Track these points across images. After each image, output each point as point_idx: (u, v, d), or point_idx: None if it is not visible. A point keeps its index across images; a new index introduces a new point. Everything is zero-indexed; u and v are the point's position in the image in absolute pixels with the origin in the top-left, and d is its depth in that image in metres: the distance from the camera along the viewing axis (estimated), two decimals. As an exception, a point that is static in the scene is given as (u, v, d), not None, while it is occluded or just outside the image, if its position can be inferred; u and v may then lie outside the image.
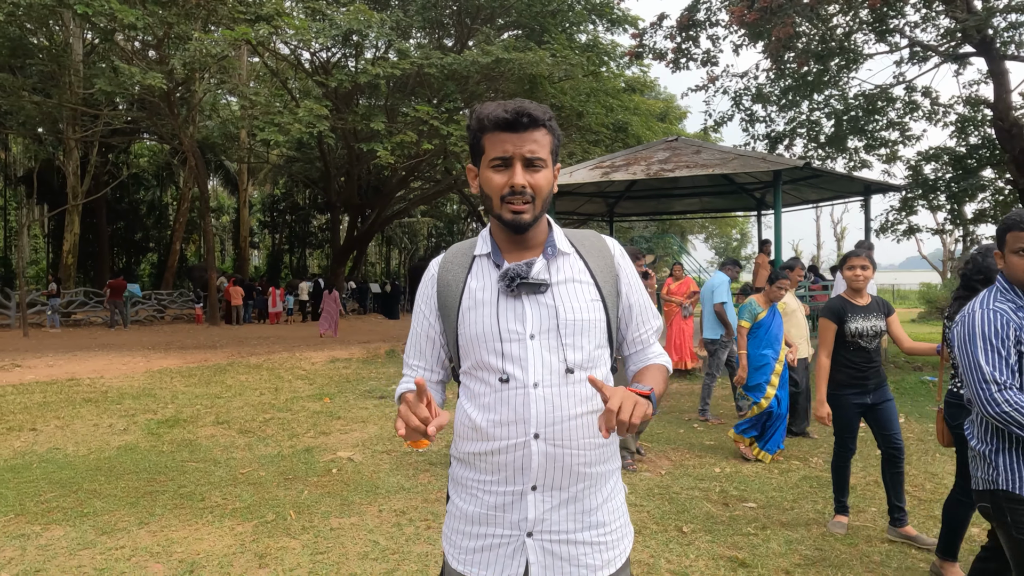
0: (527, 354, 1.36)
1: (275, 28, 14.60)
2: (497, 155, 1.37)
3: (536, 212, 1.38)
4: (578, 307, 1.39)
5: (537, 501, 1.37)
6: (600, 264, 1.47)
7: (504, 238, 1.45)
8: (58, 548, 3.62)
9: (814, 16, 10.95)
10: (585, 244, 1.49)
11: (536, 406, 1.35)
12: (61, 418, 6.95)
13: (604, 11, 18.58)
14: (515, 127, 1.35)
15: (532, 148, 1.36)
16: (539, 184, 1.37)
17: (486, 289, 1.41)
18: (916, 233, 14.57)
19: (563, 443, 1.35)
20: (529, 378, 1.35)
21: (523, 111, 1.35)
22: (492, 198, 1.39)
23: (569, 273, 1.43)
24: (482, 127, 1.39)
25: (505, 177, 1.36)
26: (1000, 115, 11.03)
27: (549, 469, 1.35)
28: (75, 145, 21.32)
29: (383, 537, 3.77)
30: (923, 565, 3.42)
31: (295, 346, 13.77)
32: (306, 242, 39.57)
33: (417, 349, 1.54)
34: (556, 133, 1.43)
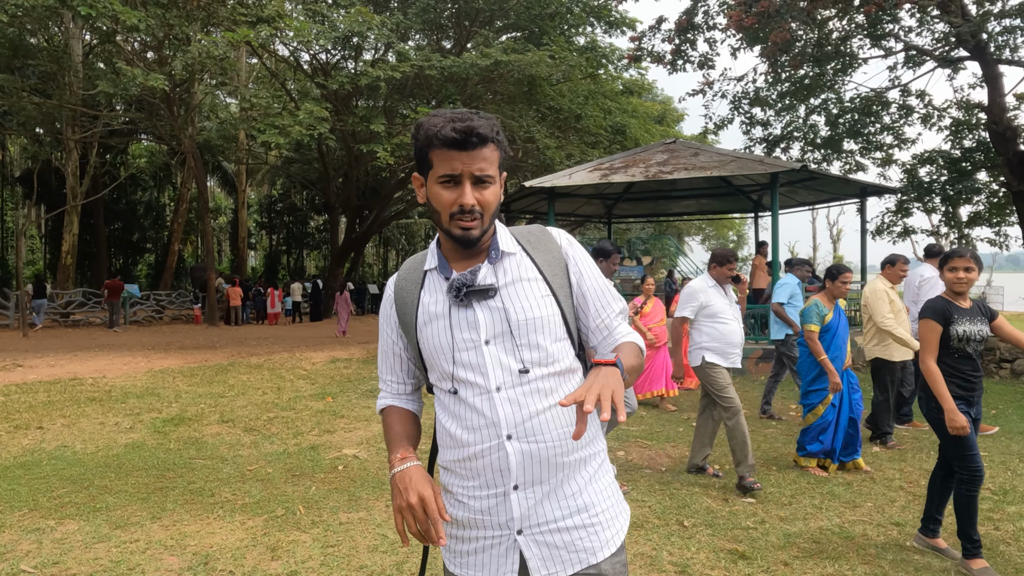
0: (485, 360, 1.37)
1: (276, 30, 14.68)
2: (446, 172, 1.35)
3: (484, 226, 1.38)
4: (528, 306, 1.39)
5: (521, 499, 1.38)
6: (547, 258, 1.46)
7: (451, 248, 1.45)
8: (73, 541, 3.70)
9: (810, 20, 11.08)
10: (531, 240, 1.49)
11: (503, 408, 1.36)
12: (67, 417, 7.01)
13: (602, 13, 18.71)
14: (464, 146, 1.33)
15: (481, 166, 1.35)
16: (487, 200, 1.37)
17: (439, 303, 1.43)
18: (911, 235, 14.72)
19: (536, 438, 1.37)
20: (491, 383, 1.37)
21: (472, 130, 1.32)
22: (441, 214, 1.38)
23: (516, 273, 1.42)
24: (430, 143, 1.36)
25: (454, 195, 1.35)
26: (994, 118, 11.17)
27: (528, 466, 1.37)
28: (74, 146, 21.36)
29: (391, 531, 3.86)
30: (918, 557, 3.52)
31: (295, 346, 13.84)
32: (303, 243, 39.61)
33: (387, 365, 1.58)
34: (503, 145, 1.41)
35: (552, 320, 1.41)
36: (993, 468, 5.18)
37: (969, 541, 3.34)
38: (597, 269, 1.53)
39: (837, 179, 12.15)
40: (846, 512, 4.19)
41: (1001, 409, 7.66)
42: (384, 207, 24.56)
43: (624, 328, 1.49)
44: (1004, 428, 6.68)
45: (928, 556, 3.52)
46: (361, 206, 25.64)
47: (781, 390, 8.74)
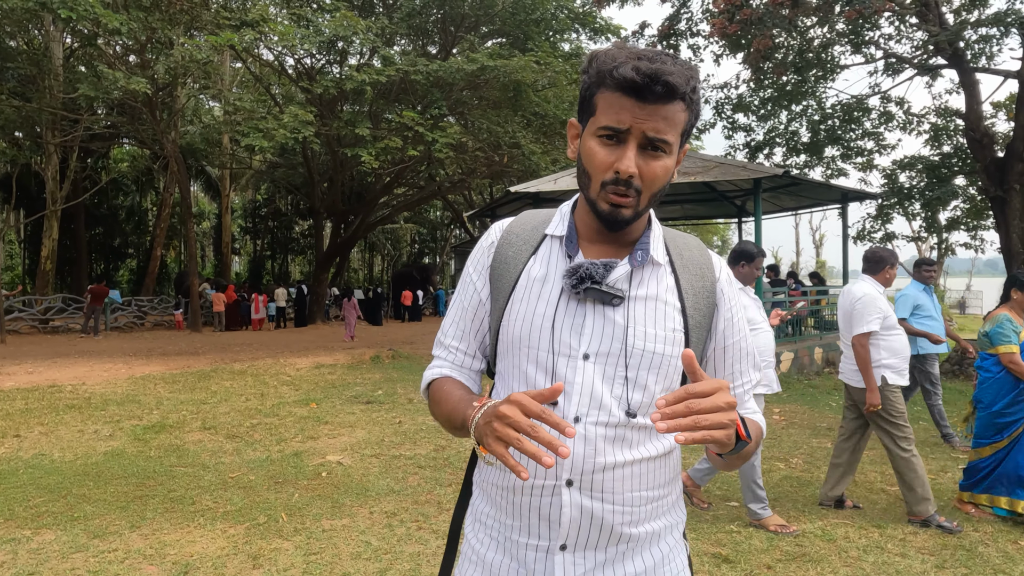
0: (576, 377, 1.08)
1: (260, 34, 14.61)
2: (610, 124, 1.04)
3: (640, 208, 1.09)
4: (653, 334, 1.10)
5: (567, 564, 1.09)
6: (696, 286, 1.16)
7: (589, 224, 1.16)
8: (50, 552, 3.64)
9: (792, 28, 11.22)
10: (684, 256, 1.18)
11: (574, 445, 1.07)
12: (45, 424, 6.90)
13: (587, 20, 18.83)
14: (643, 94, 1.01)
15: (658, 126, 1.03)
16: (655, 175, 1.06)
17: (548, 280, 1.14)
18: (892, 240, 14.91)
19: (603, 495, 1.08)
20: (571, 408, 1.08)
21: (659, 76, 1.00)
22: (591, 176, 1.09)
23: (654, 289, 1.13)
24: (601, 80, 1.05)
25: (613, 156, 1.05)
26: (971, 125, 11.35)
27: (584, 526, 1.08)
28: (54, 150, 21.08)
29: (375, 538, 3.83)
30: (899, 559, 3.55)
31: (279, 352, 13.72)
32: (288, 248, 39.37)
33: (459, 327, 1.25)
34: (695, 108, 1.08)
35: (672, 363, 1.11)
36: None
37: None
38: (747, 325, 1.23)
39: (819, 184, 12.29)
40: (828, 515, 4.22)
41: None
42: (369, 212, 24.48)
43: (753, 405, 1.20)
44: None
45: (909, 559, 3.55)
46: (346, 211, 25.54)
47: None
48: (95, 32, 14.75)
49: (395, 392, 9.03)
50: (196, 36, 16.31)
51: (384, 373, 10.97)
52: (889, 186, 14.33)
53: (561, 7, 18.35)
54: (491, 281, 1.20)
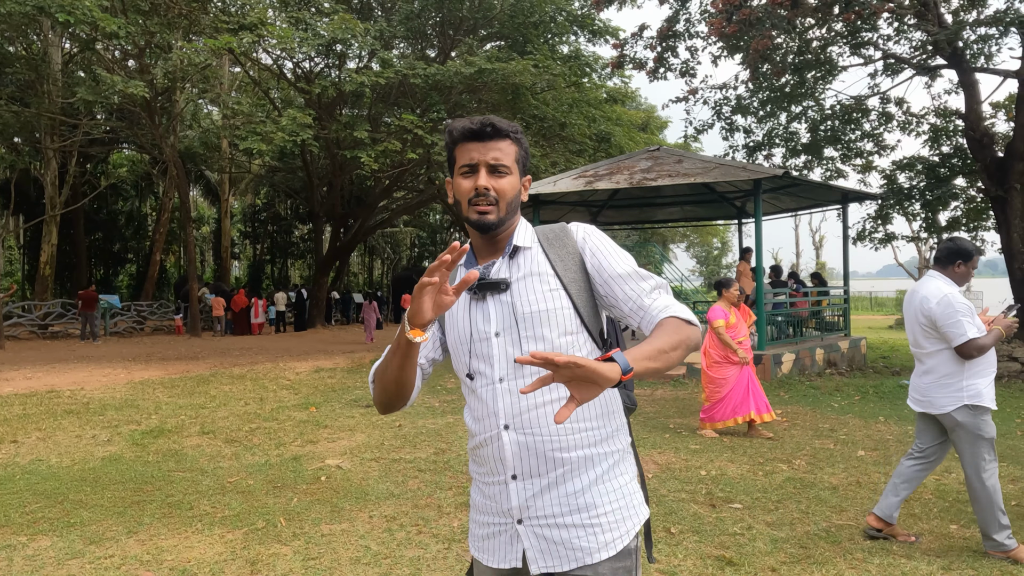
0: (492, 351, 1.43)
1: (258, 37, 14.59)
2: (465, 163, 1.44)
3: (501, 214, 1.44)
4: (534, 299, 1.43)
5: (519, 489, 1.42)
6: (561, 253, 1.49)
7: (478, 243, 1.51)
8: (46, 558, 3.60)
9: (791, 29, 11.21)
10: (549, 237, 1.52)
11: (503, 399, 1.41)
12: (42, 430, 6.86)
13: (586, 23, 18.81)
14: (480, 136, 1.43)
15: (496, 155, 1.43)
16: (503, 188, 1.43)
17: (461, 296, 1.48)
18: (892, 241, 14.89)
19: (532, 431, 1.40)
20: (495, 373, 1.42)
21: (487, 122, 1.43)
22: (462, 202, 1.46)
23: (528, 268, 1.46)
24: (453, 140, 1.47)
25: (471, 182, 1.43)
26: (971, 125, 11.34)
27: (524, 457, 1.40)
28: (53, 155, 21.07)
29: (374, 542, 3.79)
30: (904, 560, 3.51)
31: (278, 356, 13.69)
32: (288, 252, 39.31)
33: None
34: (523, 145, 1.49)
35: (560, 313, 1.43)
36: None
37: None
38: (619, 254, 1.49)
39: (819, 185, 12.27)
40: (833, 516, 4.18)
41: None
42: (369, 216, 24.46)
43: (661, 302, 1.41)
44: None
45: (915, 561, 3.51)
46: (346, 215, 25.52)
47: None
48: (93, 36, 14.74)
49: (395, 395, 8.98)
50: (195, 40, 16.30)
51: (384, 377, 10.92)
52: (889, 187, 14.31)
53: (559, 10, 18.35)
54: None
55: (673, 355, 1.28)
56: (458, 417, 7.40)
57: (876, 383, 9.68)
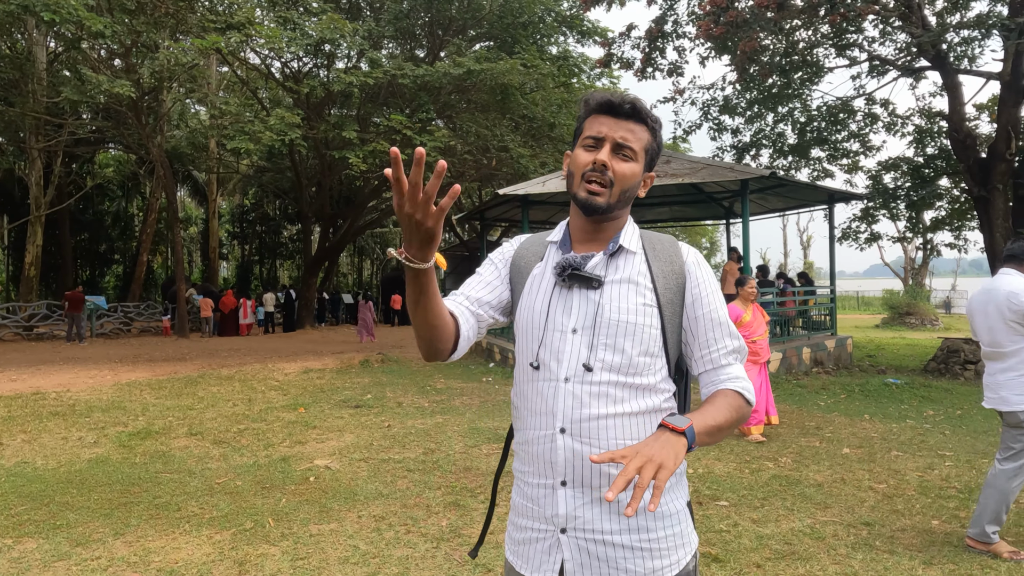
0: (565, 347, 1.34)
1: (246, 37, 14.53)
2: (591, 134, 1.36)
3: (611, 200, 1.34)
4: (625, 308, 1.34)
5: (568, 496, 1.32)
6: (665, 269, 1.39)
7: (578, 227, 1.42)
8: (32, 560, 3.58)
9: (778, 30, 11.30)
10: (656, 246, 1.43)
11: (564, 400, 1.32)
12: (28, 432, 6.80)
13: (574, 23, 18.88)
14: (616, 112, 1.35)
15: (625, 135, 1.34)
16: (622, 172, 1.34)
17: (546, 277, 1.41)
18: (877, 241, 15.04)
19: (590, 441, 1.31)
20: (562, 371, 1.33)
21: (629, 99, 1.35)
22: (575, 175, 1.37)
23: (627, 273, 1.37)
24: (587, 110, 1.39)
25: (591, 155, 1.35)
26: (955, 126, 11.48)
27: (576, 466, 1.31)
28: (38, 155, 20.86)
29: (363, 542, 3.80)
30: (887, 556, 3.56)
31: (267, 357, 13.63)
32: (276, 253, 39.12)
33: (469, 286, 1.48)
34: (657, 138, 1.40)
35: (647, 331, 1.34)
36: (959, 467, 5.28)
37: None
38: (722, 300, 1.42)
39: (805, 186, 12.37)
40: (817, 513, 4.23)
41: (966, 410, 7.83)
42: (358, 216, 24.40)
43: (734, 370, 1.38)
44: (968, 427, 6.83)
45: (897, 556, 3.57)
46: (335, 215, 25.45)
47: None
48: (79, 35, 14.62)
49: (384, 396, 8.98)
50: (182, 40, 16.20)
51: (373, 377, 10.92)
52: (874, 187, 14.46)
53: (548, 10, 18.39)
54: (510, 279, 1.50)
55: (723, 435, 1.28)
56: (447, 417, 7.41)
57: (862, 381, 9.78)
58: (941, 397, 8.67)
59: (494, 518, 1.52)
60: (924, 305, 26.19)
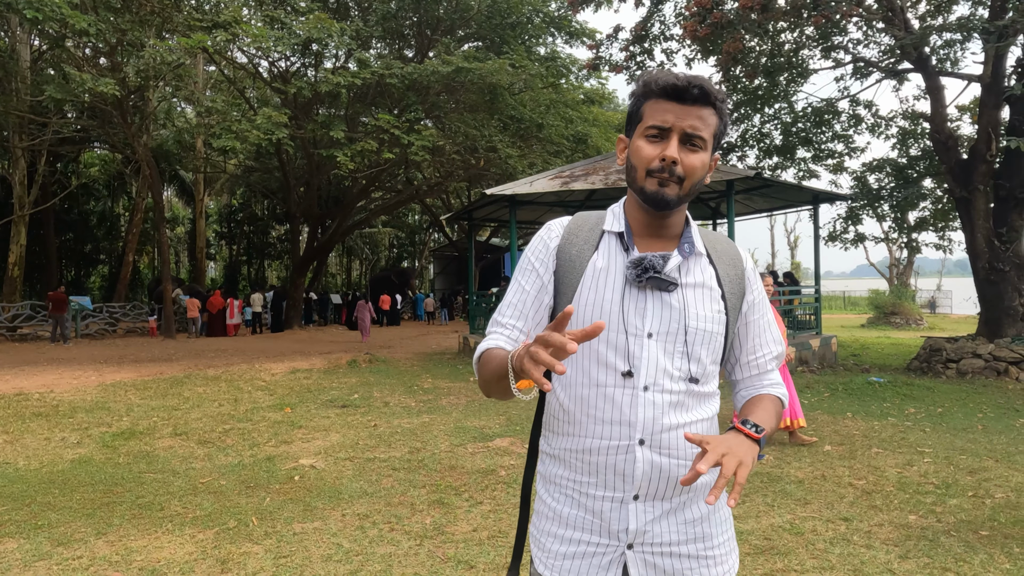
0: (643, 353, 1.25)
1: (232, 36, 14.47)
2: (655, 123, 1.24)
3: (682, 193, 1.25)
4: (703, 315, 1.28)
5: (639, 511, 1.26)
6: (730, 273, 1.34)
7: (639, 219, 1.32)
8: (12, 560, 3.56)
9: (762, 32, 11.39)
10: (717, 248, 1.37)
11: (644, 410, 1.24)
12: (10, 433, 6.75)
13: (563, 24, 18.94)
14: (683, 97, 1.23)
15: (695, 124, 1.23)
16: (692, 165, 1.24)
17: (610, 271, 1.29)
18: (862, 241, 15.18)
19: (669, 452, 1.25)
20: (641, 379, 1.25)
21: (696, 82, 1.23)
22: (637, 169, 1.27)
23: (700, 277, 1.31)
24: (647, 92, 1.27)
25: (658, 149, 1.24)
26: (937, 128, 11.62)
27: (654, 478, 1.25)
28: (21, 154, 20.67)
29: (346, 540, 3.81)
30: (864, 551, 3.61)
31: (254, 358, 13.58)
32: (264, 253, 38.95)
33: (516, 308, 1.35)
34: (724, 117, 1.29)
35: (718, 339, 1.30)
36: (938, 464, 5.36)
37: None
38: (769, 304, 1.41)
39: (791, 186, 12.49)
40: (797, 509, 4.29)
41: (947, 408, 7.93)
42: (346, 216, 24.34)
43: (776, 376, 1.38)
44: (948, 425, 6.92)
45: (874, 550, 3.62)
46: (323, 215, 25.38)
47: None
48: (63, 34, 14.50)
49: (371, 396, 8.98)
50: (168, 38, 16.10)
51: (361, 377, 10.90)
52: (859, 188, 14.60)
53: (536, 11, 18.44)
54: (556, 272, 1.34)
55: (773, 433, 1.29)
56: (434, 417, 7.43)
57: (845, 380, 9.88)
58: (923, 395, 8.78)
59: (522, 518, 1.38)
60: (909, 305, 26.47)
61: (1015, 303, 10.95)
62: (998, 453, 5.69)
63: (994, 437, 6.35)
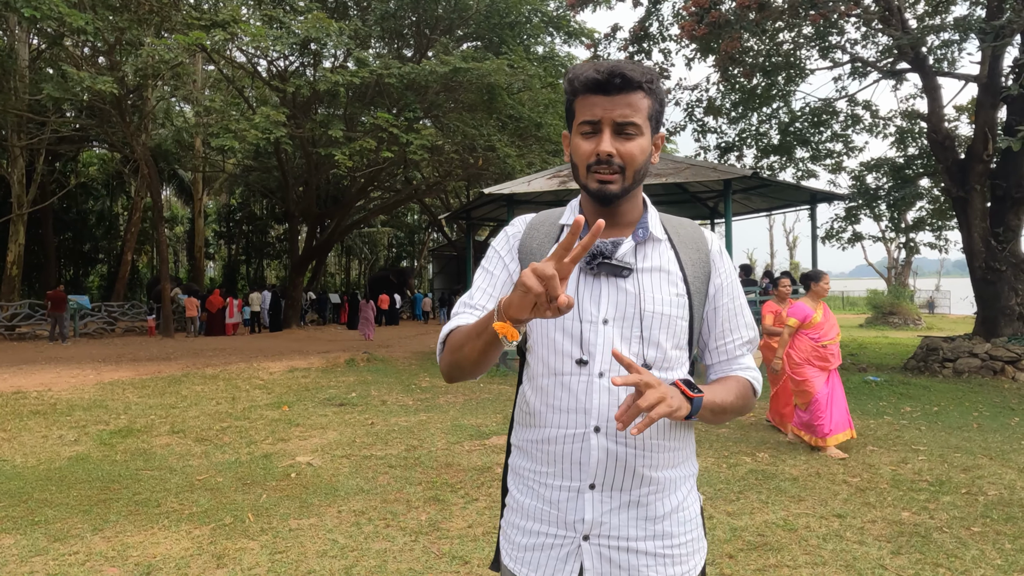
0: (598, 339, 1.24)
1: (231, 35, 14.48)
2: (586, 119, 1.24)
3: (626, 183, 1.25)
4: (660, 299, 1.27)
5: (595, 501, 1.24)
6: (693, 257, 1.33)
7: (592, 211, 1.32)
8: (8, 556, 3.57)
9: (760, 31, 11.42)
10: (681, 233, 1.36)
11: (600, 397, 1.23)
12: (7, 431, 6.76)
13: (561, 24, 18.94)
14: (606, 89, 1.22)
15: (624, 112, 1.22)
16: (630, 153, 1.23)
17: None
18: (860, 241, 15.22)
19: (626, 440, 1.23)
20: (596, 366, 1.24)
21: (616, 71, 1.21)
22: (579, 167, 1.27)
23: (657, 261, 1.30)
24: (573, 89, 1.27)
25: (592, 144, 1.24)
26: (933, 128, 11.64)
27: (609, 467, 1.23)
28: (20, 153, 20.66)
29: (342, 536, 3.82)
30: (856, 547, 3.63)
31: (252, 357, 13.58)
32: (263, 252, 38.97)
33: (486, 293, 1.34)
34: (657, 96, 1.27)
35: (679, 323, 1.28)
36: (932, 461, 5.38)
37: None
38: (741, 289, 1.38)
39: (788, 186, 12.50)
40: (791, 506, 4.31)
41: (943, 406, 7.96)
42: (345, 215, 24.34)
43: (746, 361, 1.36)
44: (944, 423, 6.94)
45: (867, 546, 3.64)
46: (322, 214, 25.38)
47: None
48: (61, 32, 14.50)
49: (369, 394, 8.99)
50: (166, 37, 16.11)
51: (358, 376, 10.92)
52: (857, 187, 14.63)
53: (535, 11, 18.45)
54: (520, 264, 1.36)
55: (726, 417, 1.26)
56: (431, 415, 7.44)
57: (842, 379, 9.88)
58: (919, 394, 8.80)
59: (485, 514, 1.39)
60: (907, 305, 26.51)
61: (1011, 302, 10.98)
62: (992, 451, 5.71)
63: (989, 435, 6.37)
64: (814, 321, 5.71)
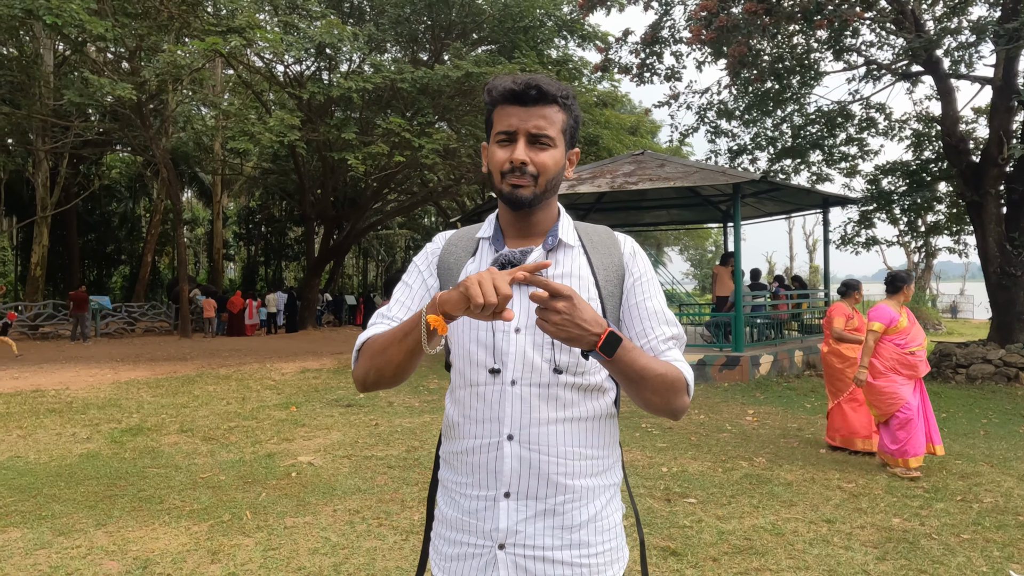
0: (510, 348, 1.26)
1: (248, 41, 14.73)
2: (502, 128, 1.29)
3: (538, 191, 1.28)
4: None
5: (510, 510, 1.25)
6: (605, 261, 1.35)
7: (508, 221, 1.36)
8: (14, 548, 3.71)
9: (769, 36, 11.38)
10: (593, 239, 1.39)
11: (512, 405, 1.25)
12: (24, 428, 6.97)
13: (575, 27, 18.97)
14: (523, 100, 1.27)
15: (539, 124, 1.27)
16: (543, 163, 1.27)
17: None
18: (875, 245, 15.06)
19: (539, 448, 1.25)
20: (508, 373, 1.26)
21: (532, 83, 1.26)
22: (494, 174, 1.31)
23: (568, 267, 1.32)
24: (492, 100, 1.32)
25: (508, 152, 1.28)
26: (948, 131, 11.52)
27: (524, 475, 1.25)
28: (45, 156, 21.15)
29: (335, 534, 3.91)
30: (842, 552, 3.64)
31: (266, 357, 13.79)
32: (282, 254, 39.41)
33: (404, 305, 1.38)
34: (572, 112, 1.32)
35: None
36: (930, 467, 5.35)
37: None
38: (658, 289, 1.39)
39: (799, 190, 12.43)
40: (782, 510, 4.32)
41: (951, 412, 7.88)
42: (361, 218, 24.58)
43: (675, 355, 1.32)
44: (949, 430, 6.88)
45: (852, 551, 3.65)
46: (338, 217, 25.64)
47: (739, 396, 8.91)
48: (84, 39, 14.85)
49: (376, 395, 9.10)
50: (185, 43, 16.43)
51: (368, 377, 11.03)
52: (872, 191, 14.48)
53: (548, 14, 18.52)
54: (439, 278, 1.40)
55: (647, 388, 1.20)
56: (435, 416, 7.52)
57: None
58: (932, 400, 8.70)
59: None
60: (927, 309, 26.11)
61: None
62: (995, 458, 5.66)
63: (994, 443, 6.31)
64: (900, 326, 5.25)
